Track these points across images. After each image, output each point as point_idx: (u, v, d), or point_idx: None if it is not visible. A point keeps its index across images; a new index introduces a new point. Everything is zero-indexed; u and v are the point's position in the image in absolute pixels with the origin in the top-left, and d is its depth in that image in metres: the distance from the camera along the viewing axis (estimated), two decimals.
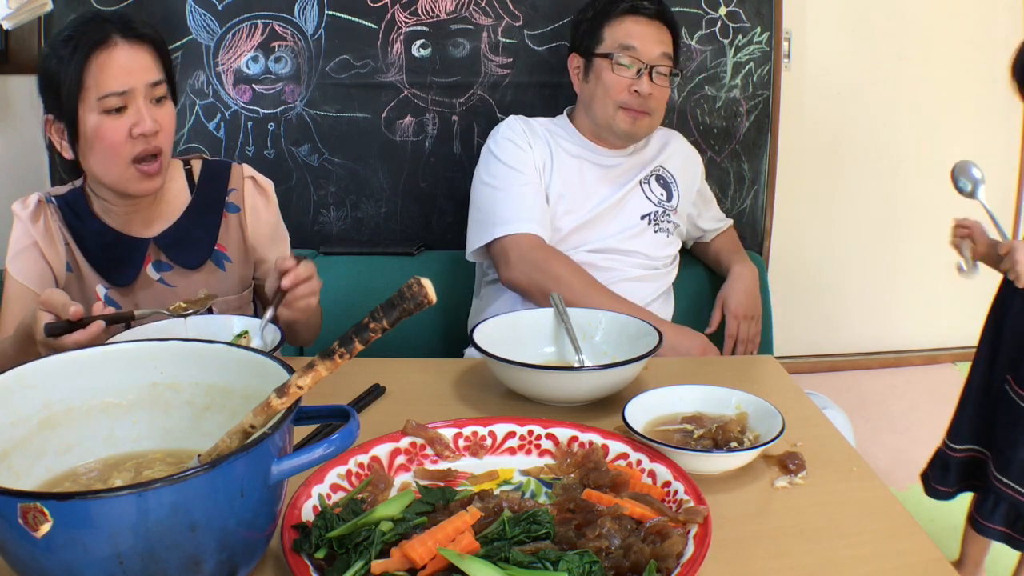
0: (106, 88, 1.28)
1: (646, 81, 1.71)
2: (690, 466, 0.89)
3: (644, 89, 1.71)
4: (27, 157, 2.15)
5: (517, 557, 0.67)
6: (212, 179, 1.51)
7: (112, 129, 1.30)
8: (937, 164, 3.08)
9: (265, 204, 1.55)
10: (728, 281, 1.90)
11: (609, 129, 1.77)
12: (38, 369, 0.80)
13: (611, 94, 1.73)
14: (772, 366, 1.28)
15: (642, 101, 1.73)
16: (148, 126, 1.31)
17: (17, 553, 0.62)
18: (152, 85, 1.32)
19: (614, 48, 1.73)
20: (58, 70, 1.29)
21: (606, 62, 1.73)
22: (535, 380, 1.09)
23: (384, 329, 0.68)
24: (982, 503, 1.55)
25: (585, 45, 1.79)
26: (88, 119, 1.30)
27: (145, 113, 1.31)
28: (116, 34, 1.30)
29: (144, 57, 1.33)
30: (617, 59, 1.72)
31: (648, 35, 1.73)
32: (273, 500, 0.70)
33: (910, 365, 3.29)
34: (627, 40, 1.72)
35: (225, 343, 0.85)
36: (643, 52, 1.71)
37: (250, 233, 1.51)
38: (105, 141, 1.31)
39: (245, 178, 1.53)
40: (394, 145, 2.15)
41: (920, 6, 2.97)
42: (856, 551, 0.80)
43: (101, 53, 1.29)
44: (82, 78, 1.28)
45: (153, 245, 1.44)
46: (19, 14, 1.85)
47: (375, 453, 0.89)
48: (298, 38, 2.09)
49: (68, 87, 1.29)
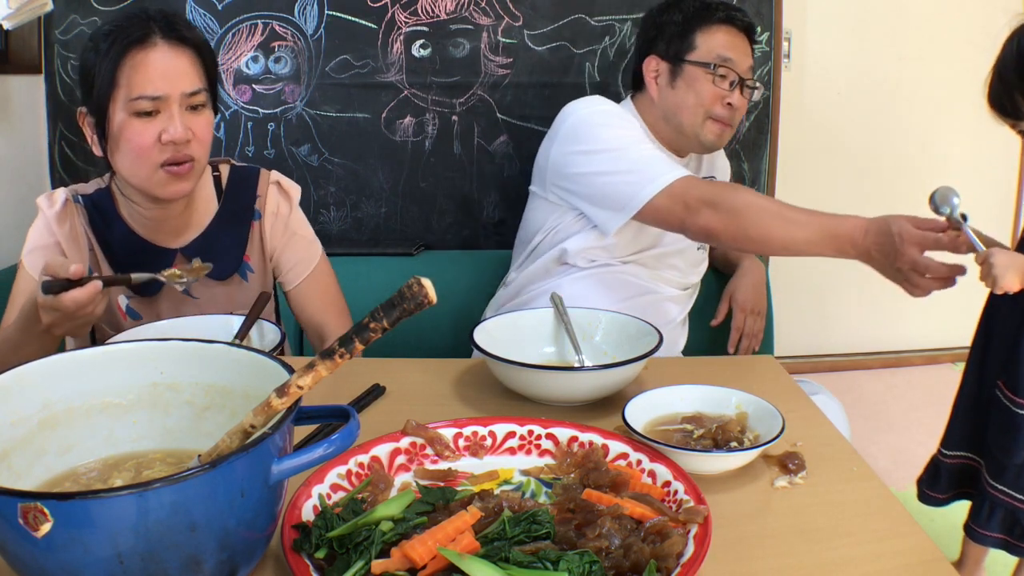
0: (139, 90, 1.23)
1: (739, 93, 1.68)
2: (690, 466, 0.90)
3: (736, 102, 1.68)
4: (27, 157, 2.14)
5: (517, 557, 0.67)
6: (240, 186, 1.45)
7: (140, 133, 1.25)
8: (937, 164, 3.10)
9: (288, 209, 1.49)
10: (737, 275, 1.92)
11: (695, 139, 1.70)
12: (38, 369, 0.79)
13: (705, 104, 1.67)
14: (772, 366, 1.28)
15: (731, 114, 1.68)
16: (179, 133, 1.25)
17: (17, 553, 0.62)
18: (189, 94, 1.27)
19: (712, 58, 1.66)
20: (94, 63, 1.24)
21: (703, 71, 1.66)
22: (535, 380, 1.09)
23: (384, 329, 0.67)
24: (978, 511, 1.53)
25: (674, 50, 1.70)
26: (117, 117, 1.25)
27: (178, 120, 1.25)
28: (158, 34, 1.25)
29: (184, 62, 1.26)
30: (717, 71, 1.66)
31: (741, 47, 1.69)
32: (273, 500, 0.70)
33: (910, 365, 3.29)
34: (726, 51, 1.67)
35: (225, 343, 0.85)
36: (739, 64, 1.67)
37: (268, 239, 1.46)
38: (132, 143, 1.26)
39: (270, 184, 1.47)
40: (394, 145, 2.15)
41: (920, 6, 2.97)
42: (856, 551, 0.80)
43: (139, 52, 1.23)
44: (115, 76, 1.23)
45: (180, 256, 1.39)
46: (19, 14, 1.85)
47: (375, 453, 0.89)
48: (298, 38, 2.09)
49: (101, 82, 1.24)
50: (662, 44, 1.72)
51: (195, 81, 1.28)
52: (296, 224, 1.50)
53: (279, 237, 1.48)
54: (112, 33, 1.24)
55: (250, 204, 1.45)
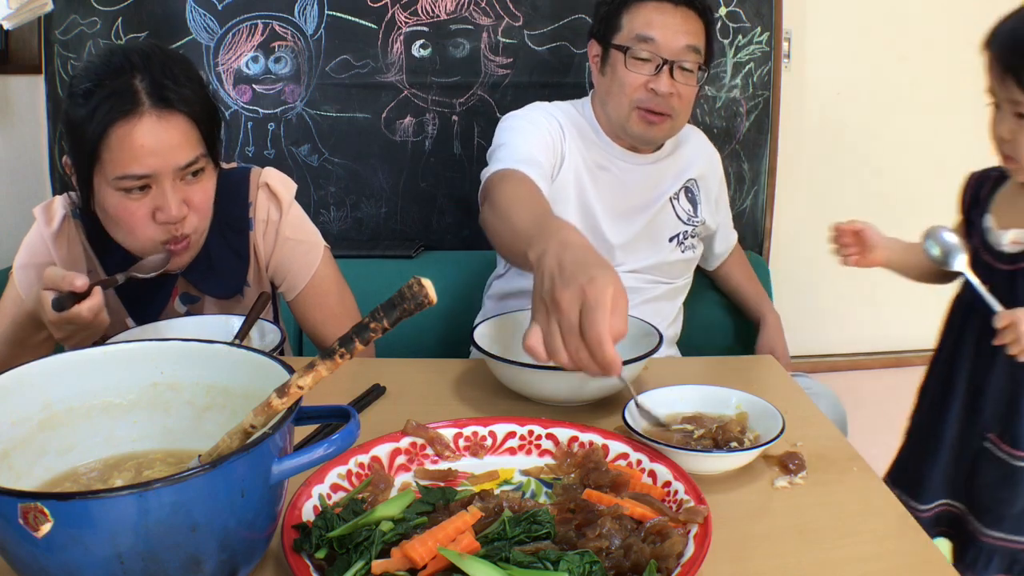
0: (124, 169, 1.09)
1: (665, 78, 1.49)
2: (690, 466, 0.89)
3: (662, 88, 1.49)
4: (27, 157, 2.15)
5: (517, 557, 0.67)
6: (232, 193, 1.31)
7: (132, 213, 1.12)
8: (937, 164, 3.09)
9: (279, 216, 1.34)
10: (767, 332, 1.86)
11: (623, 130, 1.57)
12: (38, 369, 0.79)
13: (626, 91, 1.51)
14: (772, 366, 1.28)
15: (660, 101, 1.50)
16: (173, 213, 1.12)
17: (17, 553, 0.62)
18: (182, 168, 1.12)
19: (630, 40, 1.50)
20: (75, 125, 1.09)
21: (621, 55, 1.51)
22: (535, 380, 1.09)
23: (384, 329, 0.68)
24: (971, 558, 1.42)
25: (603, 32, 1.57)
26: (106, 194, 1.12)
27: (171, 197, 1.11)
28: (145, 100, 1.08)
29: (175, 134, 1.10)
30: (633, 52, 1.50)
31: (671, 25, 1.49)
32: (273, 500, 0.70)
33: (910, 365, 3.29)
34: (646, 30, 1.49)
35: (225, 343, 0.85)
36: (663, 45, 1.49)
37: (262, 250, 1.35)
38: (123, 221, 1.13)
39: (259, 188, 1.33)
40: (394, 145, 2.16)
41: (920, 6, 2.97)
42: (856, 551, 0.80)
43: (122, 126, 1.07)
44: (99, 151, 1.08)
45: (182, 279, 1.30)
46: (19, 14, 1.85)
47: (375, 453, 0.89)
48: (298, 38, 2.09)
49: (80, 154, 1.10)
50: (597, 26, 1.60)
51: (188, 152, 1.13)
52: (289, 229, 1.36)
53: (271, 245, 1.36)
54: (92, 95, 1.08)
55: (244, 213, 1.33)
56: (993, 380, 1.30)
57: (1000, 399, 1.30)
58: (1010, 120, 1.16)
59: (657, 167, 1.67)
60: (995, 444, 1.32)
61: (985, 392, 1.32)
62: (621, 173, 1.63)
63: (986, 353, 1.27)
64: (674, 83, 1.50)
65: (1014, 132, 1.16)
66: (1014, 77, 1.13)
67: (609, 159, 1.63)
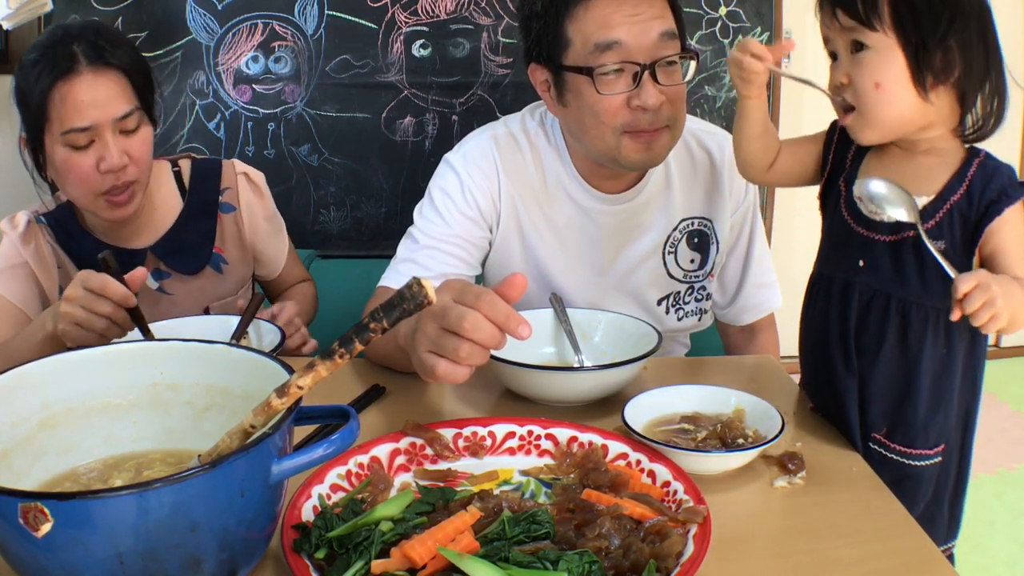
0: (68, 123, 1.22)
1: (649, 88, 1.18)
2: (689, 466, 0.89)
3: (650, 101, 1.18)
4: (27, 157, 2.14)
5: (517, 557, 0.67)
6: (203, 180, 1.47)
7: (79, 164, 1.24)
8: None
9: (259, 199, 1.51)
10: None
11: (615, 162, 1.26)
12: (38, 369, 0.79)
13: (604, 120, 1.20)
14: (772, 366, 1.28)
15: (650, 117, 1.19)
16: (114, 162, 1.24)
17: (17, 553, 0.62)
18: (120, 118, 1.25)
19: (588, 53, 1.18)
20: (25, 92, 1.23)
21: (583, 78, 1.19)
22: (535, 380, 1.09)
23: (384, 329, 0.68)
24: None
25: (547, 53, 1.24)
26: (55, 151, 1.25)
27: (112, 147, 1.24)
28: (82, 60, 1.22)
29: (111, 87, 1.24)
30: (601, 69, 1.17)
31: (634, 15, 1.16)
32: (273, 500, 0.70)
33: None
34: (605, 35, 1.16)
35: (225, 343, 0.85)
36: (633, 45, 1.17)
37: (247, 231, 1.50)
38: (72, 174, 1.26)
39: (238, 175, 1.49)
40: (394, 145, 2.16)
41: None
42: (856, 551, 0.80)
43: (64, 84, 1.20)
44: (46, 110, 1.21)
45: (150, 254, 1.41)
46: (19, 14, 1.85)
47: (375, 453, 0.89)
48: (298, 38, 2.09)
49: (32, 117, 1.23)
50: (534, 47, 1.26)
51: (124, 104, 1.26)
52: (266, 212, 1.53)
53: (262, 231, 1.52)
54: (38, 63, 1.22)
55: (214, 197, 1.46)
56: (872, 376, 1.03)
57: (885, 397, 1.03)
58: (846, 61, 1.00)
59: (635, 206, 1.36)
60: (883, 444, 1.05)
61: (867, 392, 1.04)
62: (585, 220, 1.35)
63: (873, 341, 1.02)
64: (661, 89, 1.19)
65: (851, 70, 1.00)
66: (841, 4, 0.98)
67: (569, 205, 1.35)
